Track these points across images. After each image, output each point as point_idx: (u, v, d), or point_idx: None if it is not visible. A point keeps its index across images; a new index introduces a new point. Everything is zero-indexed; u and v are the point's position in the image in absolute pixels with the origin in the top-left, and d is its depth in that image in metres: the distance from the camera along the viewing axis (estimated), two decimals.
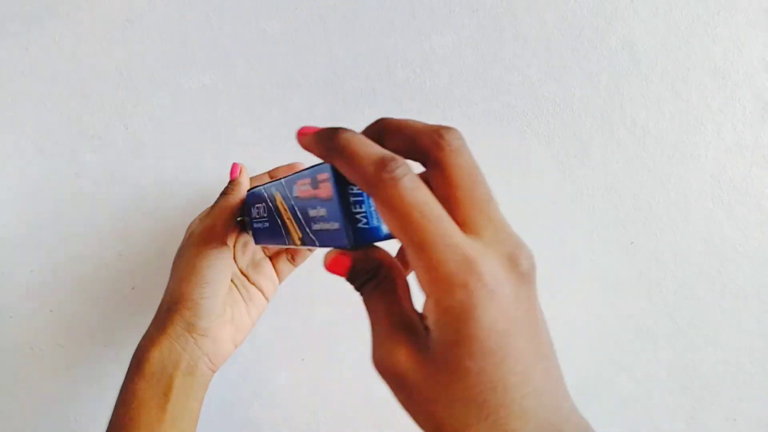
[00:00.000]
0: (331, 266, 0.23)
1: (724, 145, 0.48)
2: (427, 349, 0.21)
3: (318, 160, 0.24)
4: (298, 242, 0.27)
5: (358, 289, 0.23)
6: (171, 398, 0.35)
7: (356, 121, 0.47)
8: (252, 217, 0.36)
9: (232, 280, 0.40)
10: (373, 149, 0.21)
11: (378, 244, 0.23)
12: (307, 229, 0.25)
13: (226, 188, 0.39)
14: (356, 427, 0.48)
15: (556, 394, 0.21)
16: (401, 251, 0.26)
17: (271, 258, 0.43)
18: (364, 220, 0.22)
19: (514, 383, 0.20)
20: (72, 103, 0.46)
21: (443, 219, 0.20)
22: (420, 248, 0.20)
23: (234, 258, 0.40)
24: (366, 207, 0.22)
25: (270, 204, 0.31)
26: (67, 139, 0.46)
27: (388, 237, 0.22)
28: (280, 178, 0.29)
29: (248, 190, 0.37)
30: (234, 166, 0.39)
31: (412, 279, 0.23)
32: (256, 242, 0.36)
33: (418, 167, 0.22)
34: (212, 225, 0.37)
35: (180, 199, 0.46)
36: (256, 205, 0.34)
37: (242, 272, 0.41)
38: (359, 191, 0.22)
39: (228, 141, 0.47)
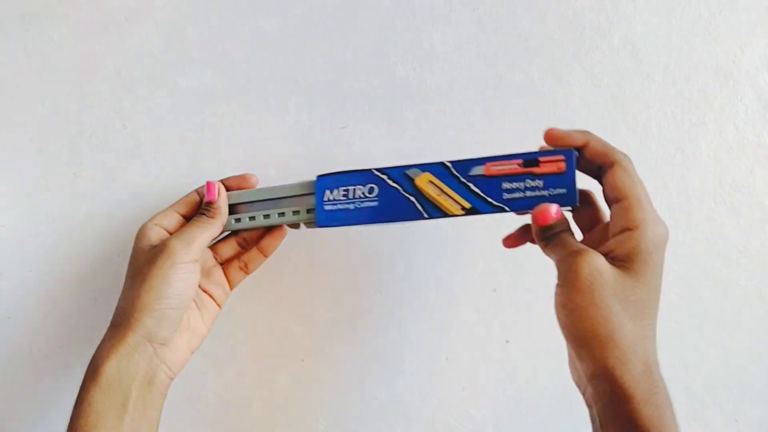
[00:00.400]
0: (555, 213, 0.34)
1: (726, 145, 0.48)
2: (620, 262, 0.31)
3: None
4: (459, 212, 0.36)
5: (549, 237, 0.33)
6: (129, 409, 0.34)
7: (356, 121, 0.47)
8: (325, 200, 0.38)
9: None
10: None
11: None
12: (489, 199, 0.36)
13: (208, 212, 0.39)
14: (356, 427, 0.48)
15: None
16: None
17: (222, 265, 0.43)
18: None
19: (656, 308, 0.31)
20: (70, 102, 0.46)
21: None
22: (640, 199, 0.32)
23: None
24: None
25: (396, 185, 0.37)
26: (66, 139, 0.46)
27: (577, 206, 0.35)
28: (436, 162, 0.37)
29: (320, 176, 0.39)
30: (211, 186, 0.39)
31: None
32: (326, 225, 0.38)
33: None
34: (191, 243, 0.37)
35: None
36: (344, 188, 0.38)
37: None
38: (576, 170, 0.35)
39: (227, 141, 0.47)
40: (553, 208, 0.34)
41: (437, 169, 0.36)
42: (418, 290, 0.48)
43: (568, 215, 0.36)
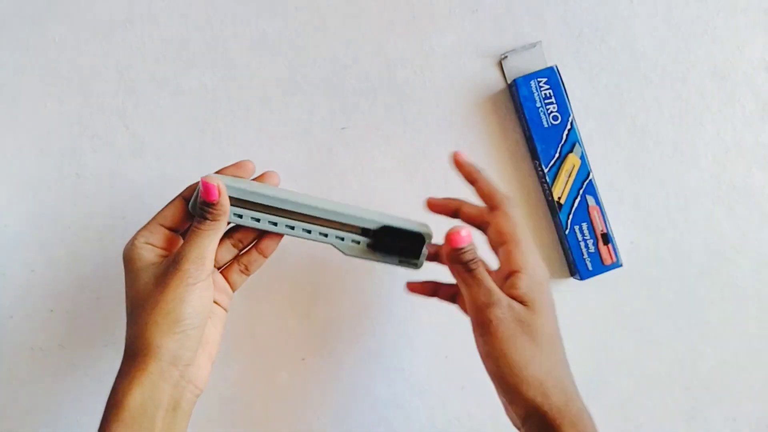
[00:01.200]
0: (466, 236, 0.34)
1: (723, 145, 0.48)
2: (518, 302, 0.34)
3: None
4: (555, 197, 0.45)
5: (463, 263, 0.35)
6: None
7: (356, 121, 0.47)
8: (537, 80, 0.45)
9: None
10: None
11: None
12: (569, 218, 0.45)
13: (211, 215, 0.34)
14: (356, 426, 0.48)
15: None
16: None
17: (221, 270, 0.40)
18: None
19: (559, 337, 0.35)
20: (72, 103, 0.47)
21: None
22: (519, 243, 0.35)
23: None
24: None
25: (565, 135, 0.45)
26: (68, 139, 0.47)
27: None
28: (587, 166, 0.45)
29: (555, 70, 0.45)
30: (210, 187, 0.33)
31: None
32: (518, 82, 0.45)
33: None
34: (203, 260, 0.34)
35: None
36: (552, 94, 0.45)
37: None
38: None
39: (228, 141, 0.47)
40: (465, 232, 0.34)
41: (584, 168, 0.45)
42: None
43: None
